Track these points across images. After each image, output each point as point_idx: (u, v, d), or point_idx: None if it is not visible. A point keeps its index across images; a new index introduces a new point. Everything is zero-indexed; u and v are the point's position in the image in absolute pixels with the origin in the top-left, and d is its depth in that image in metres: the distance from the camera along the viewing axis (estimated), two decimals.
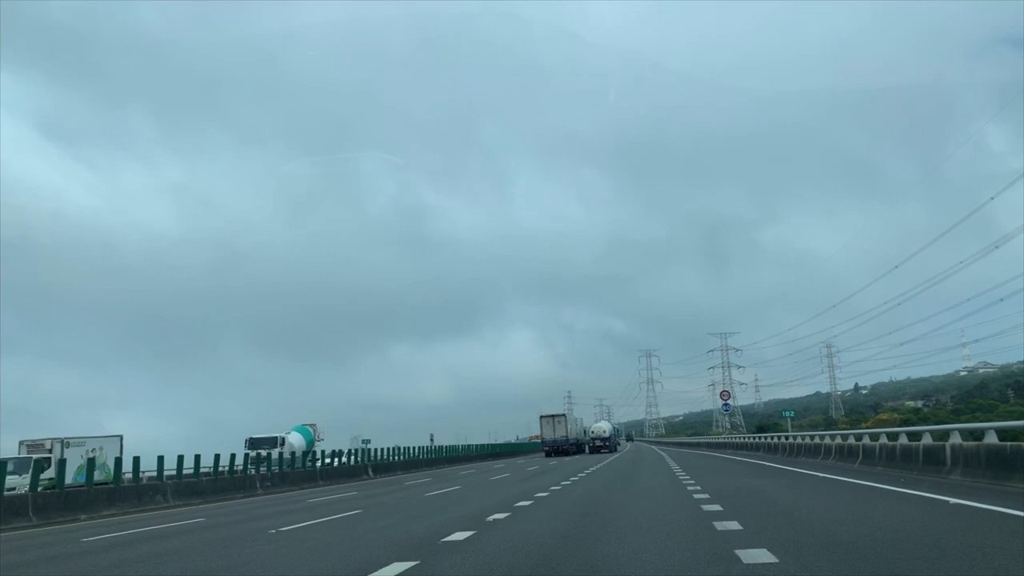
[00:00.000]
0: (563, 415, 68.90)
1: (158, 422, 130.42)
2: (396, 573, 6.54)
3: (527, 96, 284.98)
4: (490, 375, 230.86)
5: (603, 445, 69.58)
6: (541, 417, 67.75)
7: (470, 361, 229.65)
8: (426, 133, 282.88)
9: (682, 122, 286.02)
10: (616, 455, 52.77)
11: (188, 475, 26.05)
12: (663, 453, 45.27)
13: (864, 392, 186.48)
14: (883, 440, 18.31)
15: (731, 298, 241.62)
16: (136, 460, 23.47)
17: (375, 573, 6.56)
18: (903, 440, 16.86)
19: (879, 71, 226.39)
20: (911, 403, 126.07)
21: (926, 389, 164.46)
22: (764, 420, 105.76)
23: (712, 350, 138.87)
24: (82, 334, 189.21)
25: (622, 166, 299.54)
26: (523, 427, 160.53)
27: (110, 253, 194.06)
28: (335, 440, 49.21)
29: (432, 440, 52.46)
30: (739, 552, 6.44)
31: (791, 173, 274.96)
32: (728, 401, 39.75)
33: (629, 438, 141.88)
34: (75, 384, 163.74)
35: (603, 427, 77.02)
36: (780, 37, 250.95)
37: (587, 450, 69.19)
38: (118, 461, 25.88)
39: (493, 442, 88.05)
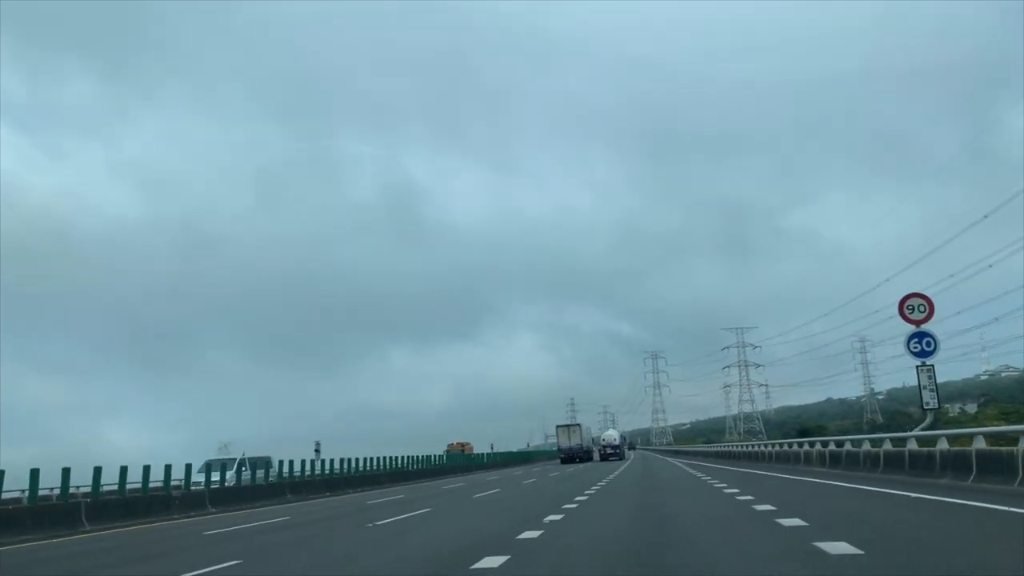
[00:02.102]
0: (577, 425, 76.46)
1: (152, 431, 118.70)
2: None
3: (532, 61, 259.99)
4: (491, 380, 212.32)
5: (613, 453, 74.62)
6: (557, 427, 76.39)
7: (471, 366, 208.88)
8: (416, 88, 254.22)
9: (704, 97, 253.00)
10: (626, 462, 53.75)
11: None
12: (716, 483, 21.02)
13: (880, 397, 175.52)
14: None
15: (749, 294, 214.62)
16: None
17: None
18: None
19: (925, 39, 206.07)
20: (948, 406, 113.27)
21: (950, 393, 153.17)
22: (807, 422, 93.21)
23: (727, 347, 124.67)
24: (52, 337, 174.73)
25: (636, 146, 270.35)
26: (525, 435, 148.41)
27: (67, 243, 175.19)
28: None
29: (318, 451, 37.94)
30: None
31: (822, 154, 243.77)
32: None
33: (632, 447, 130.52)
34: (51, 392, 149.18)
35: (612, 435, 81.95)
36: (813, 5, 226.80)
37: (597, 457, 74.54)
38: None
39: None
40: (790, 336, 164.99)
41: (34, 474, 17.06)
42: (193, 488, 22.49)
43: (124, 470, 19.15)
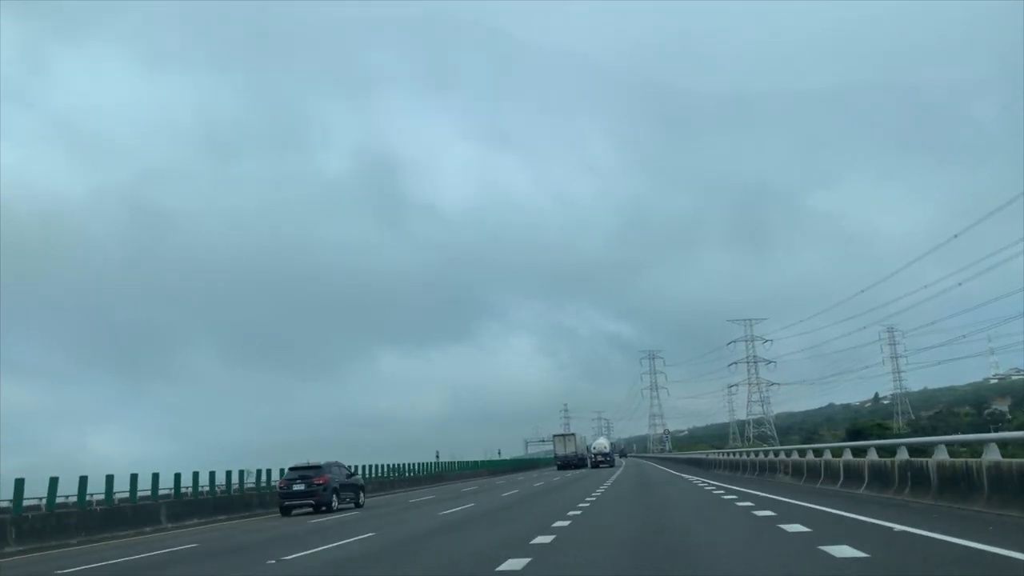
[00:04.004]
0: (573, 435, 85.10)
1: (136, 440, 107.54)
2: None
3: (530, 23, 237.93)
4: (482, 384, 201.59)
5: (603, 460, 77.44)
6: (555, 436, 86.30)
7: (461, 369, 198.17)
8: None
9: (717, 65, 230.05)
10: (618, 470, 54.54)
11: None
12: None
13: (885, 402, 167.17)
14: None
15: (760, 290, 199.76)
16: None
17: None
18: None
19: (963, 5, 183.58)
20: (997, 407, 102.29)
21: (962, 397, 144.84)
22: (860, 421, 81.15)
23: (733, 341, 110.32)
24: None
25: (640, 119, 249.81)
26: (515, 444, 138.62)
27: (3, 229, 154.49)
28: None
29: None
30: None
31: (846, 128, 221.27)
32: None
33: (622, 454, 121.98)
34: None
35: (603, 444, 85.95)
36: None
37: (589, 464, 76.95)
38: None
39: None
40: (802, 328, 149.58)
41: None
42: None
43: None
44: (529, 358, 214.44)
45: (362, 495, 26.87)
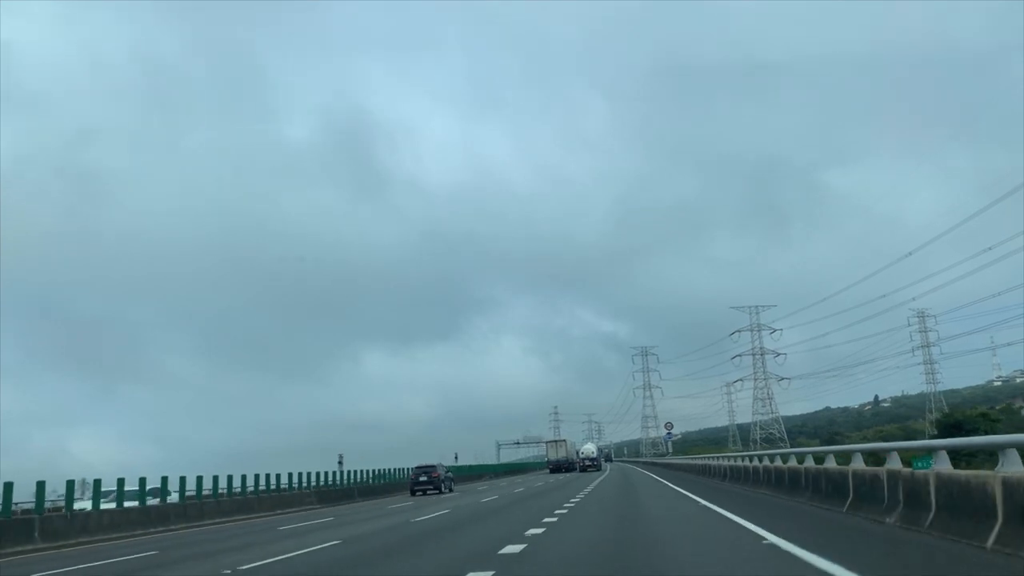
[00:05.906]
0: (564, 440, 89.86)
1: (110, 445, 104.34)
2: None
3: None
4: (471, 387, 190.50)
5: (591, 465, 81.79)
6: (547, 442, 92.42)
7: (450, 370, 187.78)
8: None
9: (728, 29, 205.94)
10: (603, 474, 56.98)
11: None
12: None
13: (886, 404, 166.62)
14: None
15: (768, 282, 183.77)
16: None
17: None
18: None
19: None
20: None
21: (965, 399, 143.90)
22: (961, 411, 61.09)
23: (736, 331, 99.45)
24: None
25: (640, 93, 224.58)
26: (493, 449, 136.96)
27: None
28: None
29: None
30: None
31: (870, 102, 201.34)
32: None
33: (608, 459, 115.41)
34: None
35: (590, 449, 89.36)
36: None
37: (578, 469, 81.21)
38: None
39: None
40: (815, 313, 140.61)
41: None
42: None
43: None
44: (518, 359, 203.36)
45: (453, 484, 39.81)
